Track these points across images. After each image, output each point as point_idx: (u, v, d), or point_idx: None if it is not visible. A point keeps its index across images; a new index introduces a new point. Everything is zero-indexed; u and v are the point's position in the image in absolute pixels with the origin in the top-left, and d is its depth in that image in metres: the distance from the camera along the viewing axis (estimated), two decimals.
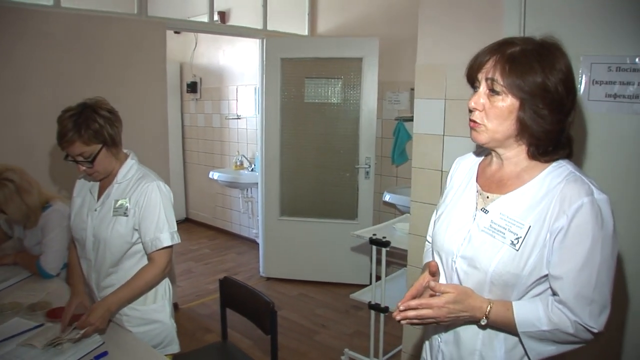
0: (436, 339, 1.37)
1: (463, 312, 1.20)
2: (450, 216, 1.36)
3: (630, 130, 1.94)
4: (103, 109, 1.89)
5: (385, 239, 2.93)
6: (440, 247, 1.34)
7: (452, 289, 1.20)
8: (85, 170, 1.92)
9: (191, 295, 4.48)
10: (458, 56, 2.32)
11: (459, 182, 1.42)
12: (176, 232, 1.98)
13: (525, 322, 1.17)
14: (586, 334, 1.15)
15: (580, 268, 1.13)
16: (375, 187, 4.55)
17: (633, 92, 1.94)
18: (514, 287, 1.19)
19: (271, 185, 4.74)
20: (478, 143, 1.26)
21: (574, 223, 1.13)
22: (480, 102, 1.20)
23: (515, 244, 1.18)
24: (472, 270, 1.24)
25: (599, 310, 1.14)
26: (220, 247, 5.92)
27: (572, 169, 1.21)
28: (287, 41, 4.63)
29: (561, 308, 1.15)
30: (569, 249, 1.13)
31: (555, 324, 1.15)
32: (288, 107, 4.64)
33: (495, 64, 1.17)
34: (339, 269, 4.66)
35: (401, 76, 4.35)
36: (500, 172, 1.30)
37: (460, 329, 1.29)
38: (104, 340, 1.82)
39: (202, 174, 6.48)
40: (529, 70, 1.14)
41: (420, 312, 1.20)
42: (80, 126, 1.81)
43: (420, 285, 1.29)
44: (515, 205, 1.22)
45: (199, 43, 6.25)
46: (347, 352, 3.30)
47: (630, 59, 1.92)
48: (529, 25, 2.11)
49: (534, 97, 1.15)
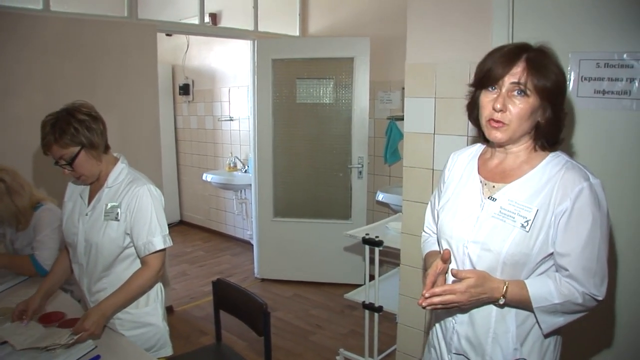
0: (450, 321, 1.46)
1: (483, 295, 1.31)
2: (456, 206, 1.47)
3: (619, 126, 1.96)
4: (82, 113, 1.89)
5: (378, 238, 2.93)
6: (450, 235, 1.44)
7: (471, 273, 1.30)
8: (70, 174, 1.92)
9: (186, 297, 4.47)
10: (448, 54, 2.34)
11: (459, 175, 1.52)
12: (168, 235, 1.98)
13: (539, 298, 1.29)
14: (592, 302, 1.30)
15: (584, 245, 1.27)
16: (368, 187, 4.55)
17: (621, 88, 1.95)
18: (523, 266, 1.31)
19: (264, 187, 4.74)
20: (498, 142, 1.36)
21: (576, 205, 1.26)
22: (506, 104, 1.30)
23: (525, 226, 1.30)
24: (485, 254, 1.35)
25: (600, 280, 1.29)
26: (215, 249, 5.91)
27: (567, 158, 1.36)
28: (278, 42, 4.63)
29: (569, 281, 1.29)
30: (573, 229, 1.27)
31: (566, 296, 1.28)
32: (280, 108, 4.64)
33: (525, 69, 1.27)
34: (334, 269, 4.66)
35: (393, 75, 4.36)
36: (502, 164, 1.42)
37: (474, 310, 1.39)
38: (96, 344, 1.81)
39: (195, 176, 6.47)
40: (550, 72, 1.28)
41: (445, 297, 1.29)
42: (55, 130, 1.83)
43: (435, 272, 1.37)
44: (521, 192, 1.34)
45: (190, 45, 6.23)
46: (342, 352, 3.30)
47: (619, 55, 1.93)
48: (517, 22, 2.11)
49: (556, 97, 1.30)
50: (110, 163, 2.01)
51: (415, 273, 2.57)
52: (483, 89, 1.36)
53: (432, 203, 1.68)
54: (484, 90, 1.35)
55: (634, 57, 1.90)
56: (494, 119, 1.32)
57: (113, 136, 3.39)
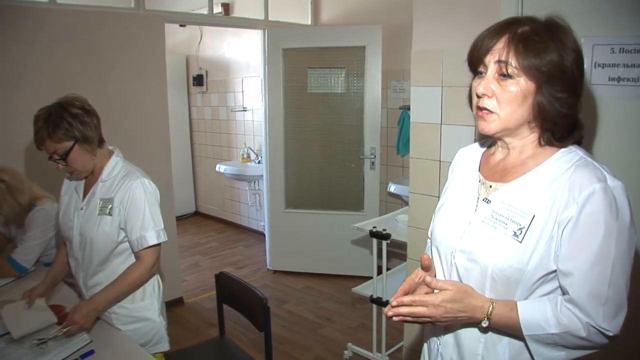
0: (435, 341, 1.28)
1: (462, 312, 1.10)
2: (450, 208, 1.27)
3: (635, 115, 1.84)
4: (75, 107, 1.86)
5: (385, 231, 2.87)
6: (439, 241, 1.25)
7: (450, 285, 1.10)
8: (64, 169, 1.90)
9: (197, 289, 4.47)
10: (455, 41, 2.25)
11: (461, 173, 1.32)
12: (162, 230, 1.95)
13: (531, 324, 1.06)
14: (600, 337, 1.04)
15: (592, 262, 1.02)
16: (381, 178, 4.47)
17: (638, 75, 1.83)
18: (517, 284, 1.09)
19: (276, 178, 4.70)
20: (487, 134, 1.15)
21: (584, 212, 1.02)
22: (490, 87, 1.09)
23: (518, 235, 1.07)
24: (472, 265, 1.14)
25: (614, 310, 1.03)
26: (229, 240, 5.90)
27: (582, 154, 1.11)
28: (288, 31, 4.56)
29: (571, 308, 1.04)
30: (579, 241, 1.03)
31: (565, 326, 1.04)
32: (291, 98, 4.58)
33: (507, 45, 1.07)
34: (345, 261, 4.61)
35: (405, 64, 4.24)
36: (504, 160, 1.20)
37: (461, 331, 1.20)
38: (91, 339, 1.79)
39: (210, 166, 6.46)
40: (545, 49, 1.05)
41: (413, 309, 1.10)
42: (48, 124, 1.81)
43: (412, 280, 1.20)
44: (519, 193, 1.12)
45: (204, 36, 6.20)
46: (350, 347, 3.25)
47: (635, 39, 1.80)
48: (526, 6, 2.02)
49: (552, 78, 1.06)
50: (105, 157, 1.98)
51: None
52: (474, 74, 1.16)
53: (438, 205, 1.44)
54: (476, 76, 1.15)
55: None
56: (479, 107, 1.12)
57: (121, 128, 3.44)
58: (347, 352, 3.24)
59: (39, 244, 2.49)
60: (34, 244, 2.47)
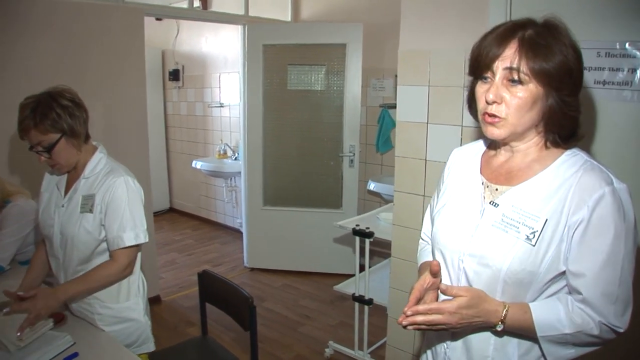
0: (442, 346, 1.28)
1: (477, 318, 1.11)
2: (452, 211, 1.27)
3: (619, 118, 1.88)
4: (65, 98, 1.79)
5: (368, 229, 2.87)
6: (444, 246, 1.24)
7: (464, 292, 1.11)
8: (46, 162, 1.82)
9: (174, 287, 4.40)
10: (442, 41, 2.26)
11: (459, 175, 1.32)
12: (144, 230, 1.88)
13: (545, 326, 1.09)
14: (610, 334, 1.09)
15: (604, 263, 1.05)
16: (360, 176, 4.48)
17: (623, 79, 1.87)
18: (529, 286, 1.11)
19: (254, 174, 4.66)
20: (496, 139, 1.17)
21: (595, 214, 1.05)
22: (500, 94, 1.10)
23: (532, 238, 1.09)
24: (483, 269, 1.14)
25: (623, 308, 1.08)
26: (205, 237, 5.84)
27: (586, 157, 1.14)
28: (269, 27, 4.52)
29: (584, 308, 1.08)
30: (590, 243, 1.06)
31: (579, 326, 1.08)
32: (271, 95, 4.54)
33: (517, 51, 1.07)
34: (324, 258, 4.61)
35: (385, 63, 4.27)
36: (508, 163, 1.21)
37: (470, 335, 1.20)
38: (74, 341, 1.74)
39: (185, 163, 6.37)
40: (552, 52, 1.07)
41: (429, 317, 1.10)
42: (36, 114, 1.73)
43: (421, 287, 1.18)
44: (528, 197, 1.13)
45: (181, 30, 6.10)
46: (332, 345, 3.25)
47: (620, 44, 1.85)
48: (515, 9, 2.04)
49: (560, 82, 1.07)
50: (89, 152, 1.91)
51: (407, 266, 2.51)
52: (477, 78, 1.16)
53: (430, 206, 1.44)
54: (480, 80, 1.15)
55: (636, 47, 1.83)
56: (488, 113, 1.12)
57: (99, 123, 3.35)
58: (328, 350, 3.24)
59: (14, 241, 2.42)
60: (9, 242, 2.39)
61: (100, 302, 1.90)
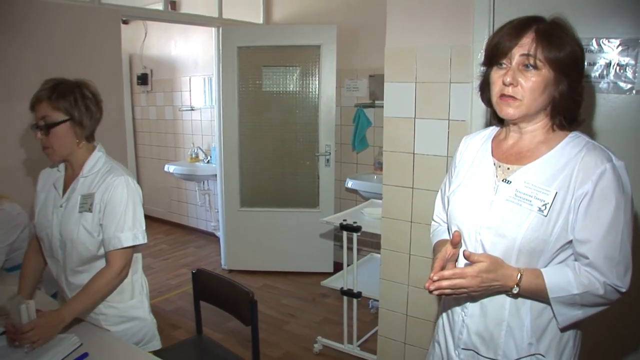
0: (459, 314, 1.39)
1: (495, 282, 1.23)
2: (467, 190, 1.39)
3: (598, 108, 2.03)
4: (89, 90, 1.83)
5: (356, 224, 2.94)
6: (461, 221, 1.36)
7: (484, 258, 1.23)
8: (41, 140, 1.78)
9: (153, 292, 4.34)
10: (428, 39, 2.35)
11: (471, 158, 1.45)
12: (142, 231, 1.86)
13: (556, 288, 1.21)
14: (614, 294, 1.22)
15: (606, 231, 1.19)
16: (335, 175, 4.55)
17: (598, 73, 2.03)
18: (540, 254, 1.24)
19: (231, 177, 4.67)
20: (510, 118, 1.29)
21: (598, 188, 1.18)
22: (517, 77, 1.23)
23: (543, 210, 1.22)
24: (500, 239, 1.27)
25: (624, 270, 1.21)
26: (178, 242, 5.79)
27: (587, 138, 1.28)
28: (243, 29, 4.55)
29: (590, 271, 1.21)
30: (595, 213, 1.19)
31: (586, 287, 1.20)
32: (246, 97, 4.57)
33: (535, 40, 1.21)
34: (302, 258, 4.66)
35: (359, 63, 4.36)
36: (518, 144, 1.34)
37: (487, 300, 1.32)
38: (82, 342, 1.73)
39: (155, 167, 6.30)
40: (563, 43, 1.21)
41: (453, 281, 1.22)
42: (55, 90, 1.75)
43: (444, 257, 1.30)
44: (538, 174, 1.26)
45: (148, 33, 6.04)
46: (320, 340, 3.30)
47: (597, 41, 2.00)
48: (498, 6, 2.14)
49: (569, 69, 1.22)
50: (88, 151, 1.90)
51: (397, 257, 2.59)
52: (493, 65, 1.29)
53: (442, 190, 1.58)
54: (495, 67, 1.28)
55: (611, 43, 1.98)
56: (506, 94, 1.25)
57: None
58: (317, 345, 3.29)
59: (2, 248, 2.37)
60: None
61: (105, 302, 1.89)
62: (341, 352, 3.23)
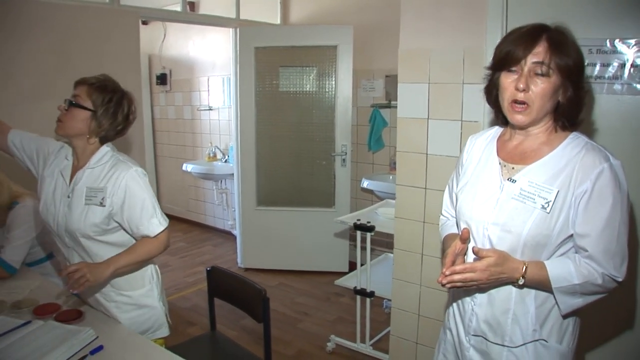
0: (469, 303, 1.48)
1: (502, 274, 1.31)
2: (475, 188, 1.47)
3: (606, 108, 2.02)
4: (129, 103, 1.92)
5: (370, 223, 2.96)
6: (470, 217, 1.45)
7: (492, 252, 1.31)
8: (60, 111, 1.86)
9: (170, 289, 4.42)
10: (442, 40, 2.36)
11: (477, 157, 1.53)
12: (162, 213, 1.93)
13: (558, 278, 1.30)
14: (612, 283, 1.32)
15: (604, 226, 1.28)
16: (352, 175, 4.57)
17: (612, 73, 2.01)
18: (544, 248, 1.33)
19: (247, 176, 4.71)
20: (522, 125, 1.36)
21: (596, 186, 1.27)
22: (529, 83, 1.30)
23: (546, 207, 1.30)
24: (506, 235, 1.35)
25: (620, 261, 1.30)
26: (196, 240, 5.86)
27: (587, 139, 1.36)
28: (261, 30, 4.59)
29: (589, 262, 1.30)
30: (593, 209, 1.28)
31: (585, 277, 1.29)
32: (263, 97, 4.61)
33: (548, 48, 1.28)
34: (317, 257, 4.68)
35: (375, 64, 4.37)
36: (522, 145, 1.42)
37: (494, 290, 1.41)
38: (97, 335, 1.78)
39: (174, 166, 6.39)
40: (571, 51, 1.29)
41: (465, 275, 1.30)
42: (100, 82, 1.86)
43: (453, 252, 1.38)
44: (541, 173, 1.34)
45: (167, 34, 6.12)
46: (333, 339, 3.32)
47: (611, 41, 1.99)
48: (511, 9, 2.14)
49: (576, 75, 1.30)
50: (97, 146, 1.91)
51: (409, 257, 2.60)
52: (503, 70, 1.35)
53: (449, 187, 1.67)
54: (504, 72, 1.35)
55: (625, 44, 1.96)
56: (517, 101, 1.32)
57: None
58: (330, 344, 3.31)
59: (24, 243, 2.42)
60: (21, 243, 2.39)
61: (116, 290, 1.95)
62: (354, 351, 3.25)
